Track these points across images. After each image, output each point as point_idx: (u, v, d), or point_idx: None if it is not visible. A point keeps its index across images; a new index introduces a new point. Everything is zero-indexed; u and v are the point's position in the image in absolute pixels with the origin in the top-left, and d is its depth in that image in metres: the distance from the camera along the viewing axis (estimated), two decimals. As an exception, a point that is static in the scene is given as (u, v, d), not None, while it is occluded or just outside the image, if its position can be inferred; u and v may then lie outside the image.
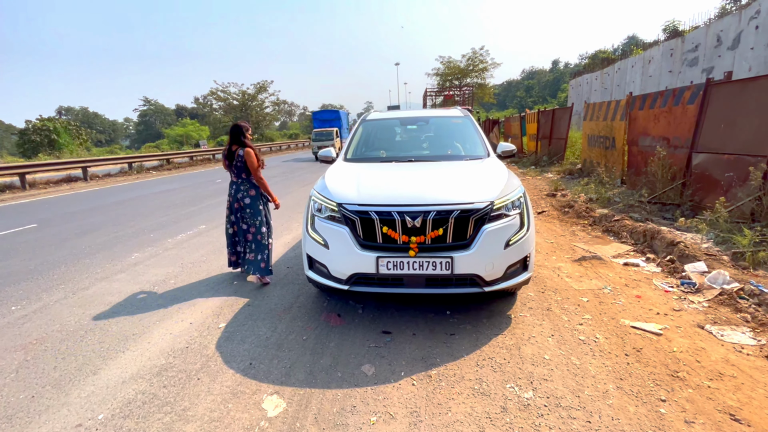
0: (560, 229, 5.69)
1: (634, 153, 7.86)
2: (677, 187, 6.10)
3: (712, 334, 2.76)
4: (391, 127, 4.62)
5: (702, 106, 5.83)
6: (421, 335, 2.88)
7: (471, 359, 2.57)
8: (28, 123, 31.24)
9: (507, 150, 4.02)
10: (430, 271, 2.70)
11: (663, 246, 4.39)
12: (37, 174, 13.13)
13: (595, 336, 2.79)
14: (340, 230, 2.84)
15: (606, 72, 22.31)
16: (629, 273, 3.93)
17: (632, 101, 8.00)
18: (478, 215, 2.70)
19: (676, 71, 15.62)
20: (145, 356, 2.74)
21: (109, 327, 3.19)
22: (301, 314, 3.30)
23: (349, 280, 2.84)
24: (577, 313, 3.13)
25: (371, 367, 2.52)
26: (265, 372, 2.51)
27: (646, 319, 3.00)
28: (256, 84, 49.96)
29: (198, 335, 3.01)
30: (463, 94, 34.18)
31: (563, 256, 4.48)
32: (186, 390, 2.36)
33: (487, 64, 40.76)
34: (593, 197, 7.09)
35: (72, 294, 3.90)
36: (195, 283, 4.06)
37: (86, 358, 2.75)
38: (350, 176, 3.30)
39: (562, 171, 10.94)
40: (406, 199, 2.77)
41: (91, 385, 2.44)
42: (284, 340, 2.90)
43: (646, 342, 2.68)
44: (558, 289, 3.61)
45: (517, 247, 2.81)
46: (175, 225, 6.81)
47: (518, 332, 2.87)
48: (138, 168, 16.94)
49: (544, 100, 71.84)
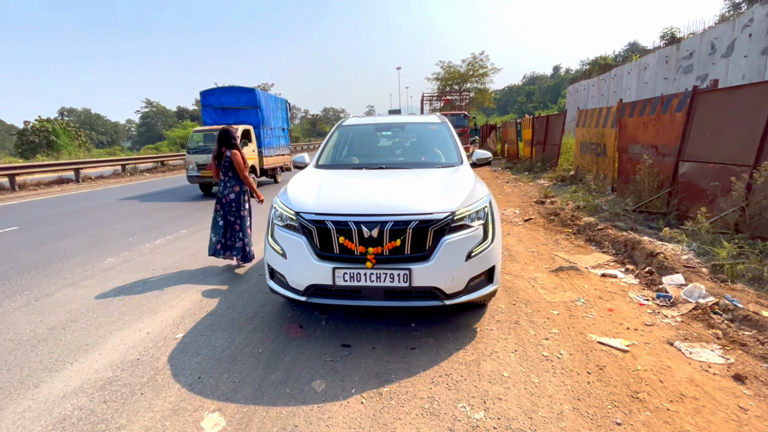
0: (544, 238, 5.59)
1: (624, 161, 7.78)
2: (664, 196, 6.01)
3: (681, 351, 2.66)
4: (367, 133, 4.54)
5: (689, 114, 5.76)
6: (380, 349, 2.79)
7: (427, 376, 2.47)
8: (26, 124, 31.37)
9: (482, 158, 3.94)
10: (388, 284, 2.61)
11: (643, 257, 4.30)
12: (28, 176, 13.09)
13: (560, 352, 2.69)
14: (298, 240, 2.75)
15: (603, 78, 22.29)
16: (605, 285, 3.83)
17: (622, 108, 7.93)
18: (437, 226, 2.61)
19: (671, 78, 15.57)
20: (93, 368, 2.65)
21: (63, 336, 3.10)
22: (263, 325, 3.21)
23: (306, 292, 2.75)
24: (545, 327, 3.03)
25: (322, 383, 2.42)
26: (212, 387, 2.42)
27: (615, 334, 2.90)
28: (258, 86, 50.12)
29: (152, 346, 2.92)
30: (462, 99, 34.22)
31: (541, 266, 4.38)
32: (126, 406, 2.26)
33: (488, 69, 40.83)
34: (581, 205, 7.00)
35: (35, 300, 3.81)
36: (162, 291, 3.97)
37: (32, 369, 2.66)
38: (313, 183, 3.22)
39: (554, 177, 10.86)
40: (363, 208, 2.69)
41: (29, 400, 2.35)
42: (239, 352, 2.80)
43: (611, 359, 2.58)
44: (530, 300, 3.51)
45: (480, 259, 2.72)
46: (156, 229, 6.74)
47: (481, 347, 2.78)
48: (131, 170, 16.91)
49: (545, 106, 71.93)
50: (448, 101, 31.59)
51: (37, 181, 13.33)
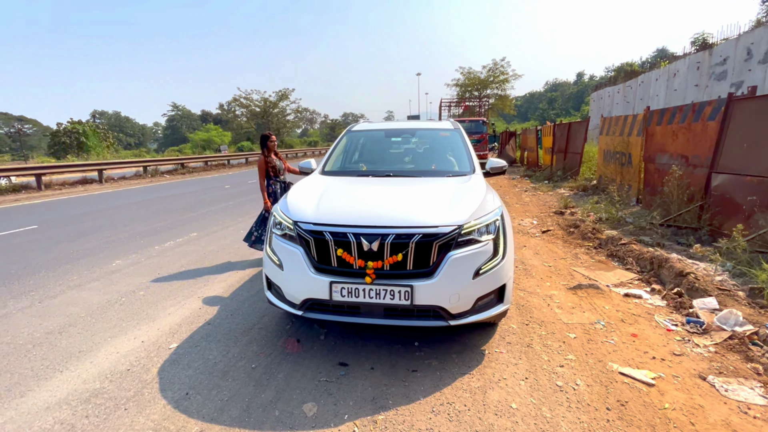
0: (562, 251, 5.30)
1: (650, 171, 7.38)
2: (695, 209, 5.61)
3: (715, 387, 2.37)
4: (376, 139, 4.39)
5: (723, 123, 5.37)
6: (379, 370, 2.60)
7: (427, 403, 2.27)
8: (59, 126, 32.73)
9: (496, 166, 3.73)
10: (388, 301, 2.43)
11: (671, 276, 3.97)
12: (54, 175, 13.55)
13: (576, 382, 2.44)
14: (295, 250, 2.61)
15: (628, 85, 21.55)
16: (629, 306, 3.54)
17: (650, 116, 7.54)
18: (442, 240, 2.42)
19: (703, 85, 14.86)
20: (82, 378, 2.56)
21: (59, 342, 3.04)
22: (260, 337, 3.07)
23: (302, 305, 2.60)
24: (560, 352, 2.78)
25: (314, 407, 2.26)
26: (198, 405, 2.29)
27: (639, 364, 2.63)
28: (278, 92, 50.96)
29: (144, 356, 2.82)
30: (482, 105, 33.79)
31: (558, 283, 4.11)
32: (108, 422, 2.16)
33: (508, 75, 40.27)
34: (603, 217, 6.65)
35: (38, 302, 3.81)
36: (163, 296, 3.91)
37: (21, 376, 2.60)
38: (315, 191, 3.08)
39: (575, 187, 10.45)
40: (363, 219, 2.52)
41: (12, 410, 2.27)
42: (232, 367, 2.67)
43: (634, 394, 2.32)
44: (545, 321, 3.26)
45: (489, 277, 2.51)
46: (168, 231, 6.76)
47: (488, 372, 2.56)
48: (153, 171, 17.31)
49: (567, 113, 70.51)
50: (467, 107, 31.21)
51: (62, 181, 13.78)
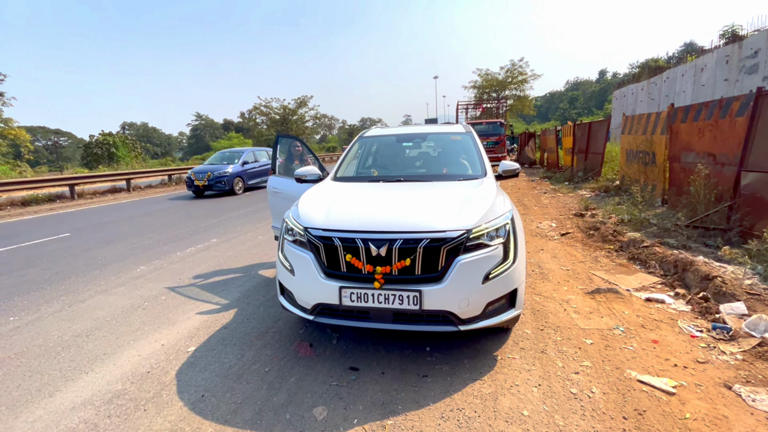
0: (581, 255, 5.17)
1: (676, 170, 7.11)
2: (723, 210, 5.37)
3: (741, 397, 2.26)
4: (387, 145, 4.41)
5: (753, 118, 5.13)
6: (390, 375, 2.61)
7: (437, 409, 2.26)
8: (91, 137, 34.39)
9: (509, 169, 3.69)
10: (396, 306, 2.44)
11: (696, 280, 3.81)
12: (86, 185, 14.22)
13: (591, 390, 2.37)
14: (305, 256, 2.66)
15: (653, 82, 20.85)
16: (650, 311, 3.42)
17: (674, 113, 7.28)
18: (450, 245, 2.42)
19: (733, 80, 14.22)
20: (105, 380, 2.68)
21: (85, 344, 3.19)
22: (274, 341, 3.13)
23: (313, 310, 2.64)
24: (575, 359, 2.71)
25: (324, 410, 2.28)
26: (213, 407, 2.35)
27: (660, 371, 2.54)
28: (297, 99, 51.88)
29: (164, 359, 2.92)
30: (500, 106, 33.41)
31: (576, 287, 4.01)
32: (128, 422, 2.25)
33: (527, 75, 39.69)
34: (626, 218, 6.44)
35: (68, 306, 4.00)
36: (183, 300, 4.04)
37: (51, 377, 2.74)
38: (326, 198, 3.12)
39: (597, 188, 10.18)
40: (371, 225, 2.54)
41: (41, 409, 2.40)
42: (246, 370, 2.73)
43: (653, 403, 2.24)
44: (560, 326, 3.19)
45: (499, 282, 2.48)
46: (190, 237, 6.98)
47: (500, 378, 2.52)
48: (176, 179, 17.92)
49: (589, 112, 68.78)
50: (484, 109, 30.91)
51: (93, 191, 14.46)
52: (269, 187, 4.77)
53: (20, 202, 12.21)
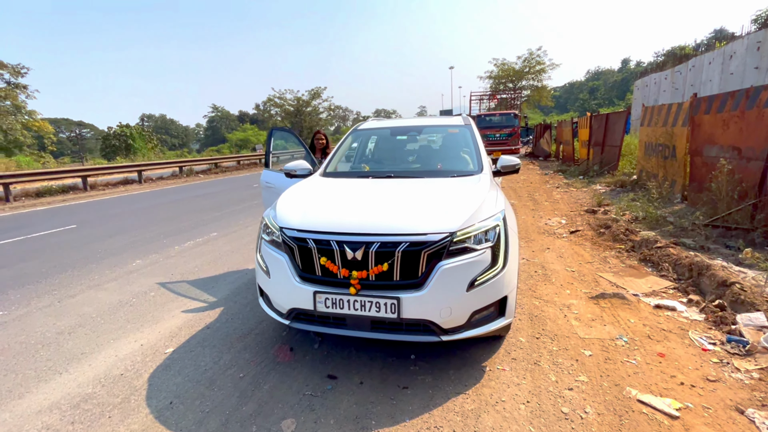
0: (589, 254, 4.88)
1: (697, 165, 6.68)
2: (747, 208, 4.99)
3: (755, 423, 2.02)
4: (381, 138, 4.21)
5: (783, 109, 4.72)
6: (368, 385, 2.45)
7: (413, 426, 2.09)
8: (109, 129, 35.13)
9: (508, 165, 3.44)
10: (373, 313, 2.27)
11: (712, 285, 3.51)
12: (99, 177, 14.47)
13: (585, 409, 2.16)
14: (280, 258, 2.50)
15: (677, 70, 19.84)
16: (659, 319, 3.16)
17: (696, 104, 6.82)
18: (431, 249, 2.22)
19: (764, 68, 13.36)
20: (77, 381, 2.61)
21: (66, 343, 3.14)
22: (255, 343, 3.01)
23: (289, 315, 2.50)
24: (571, 373, 2.50)
25: (293, 423, 2.14)
26: (179, 416, 2.24)
27: (663, 390, 2.30)
28: (311, 90, 51.77)
29: (140, 360, 2.84)
30: (516, 97, 32.55)
31: (580, 290, 3.76)
32: (90, 430, 2.16)
33: (545, 65, 38.46)
34: (640, 216, 6.09)
35: (58, 302, 3.98)
36: (172, 297, 3.97)
37: (25, 377, 2.69)
38: (308, 195, 2.96)
39: (612, 182, 9.73)
40: (347, 226, 2.37)
41: (8, 412, 2.33)
42: (221, 375, 2.62)
43: (652, 427, 2.02)
44: (558, 335, 2.96)
45: (486, 290, 2.28)
46: (191, 231, 6.95)
47: (486, 393, 2.33)
48: (188, 171, 18.09)
49: (610, 103, 66.57)
50: (498, 101, 30.13)
51: (105, 182, 14.72)
52: (262, 181, 4.64)
53: (34, 193, 12.50)
